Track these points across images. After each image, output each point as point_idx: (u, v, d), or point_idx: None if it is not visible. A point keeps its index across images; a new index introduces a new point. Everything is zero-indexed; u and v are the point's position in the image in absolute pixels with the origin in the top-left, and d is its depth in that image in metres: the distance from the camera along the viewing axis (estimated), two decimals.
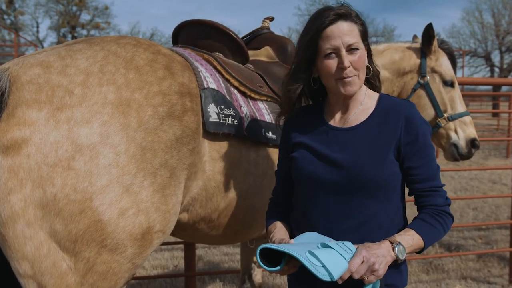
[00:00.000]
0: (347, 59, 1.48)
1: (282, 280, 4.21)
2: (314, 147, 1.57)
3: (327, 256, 1.31)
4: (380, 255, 1.35)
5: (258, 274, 2.84)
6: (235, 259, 4.80)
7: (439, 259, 4.73)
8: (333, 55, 1.50)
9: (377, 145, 1.50)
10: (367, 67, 1.60)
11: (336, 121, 1.61)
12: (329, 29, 1.49)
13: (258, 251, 1.36)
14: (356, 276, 1.31)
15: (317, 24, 1.51)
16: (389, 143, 1.50)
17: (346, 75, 1.49)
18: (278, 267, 1.39)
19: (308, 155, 1.58)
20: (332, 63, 1.50)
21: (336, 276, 1.29)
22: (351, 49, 1.49)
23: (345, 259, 1.32)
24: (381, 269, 1.34)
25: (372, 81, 1.67)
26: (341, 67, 1.49)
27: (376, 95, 1.63)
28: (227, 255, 4.97)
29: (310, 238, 1.47)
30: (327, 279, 1.28)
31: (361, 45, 1.52)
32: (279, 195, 1.75)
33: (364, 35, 1.55)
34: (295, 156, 1.61)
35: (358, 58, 1.50)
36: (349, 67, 1.48)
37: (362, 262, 1.32)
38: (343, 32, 1.49)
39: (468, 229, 5.87)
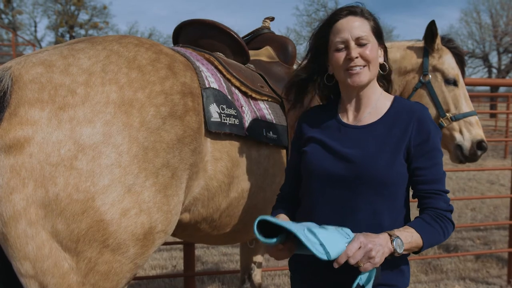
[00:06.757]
0: (356, 50, 1.52)
1: (281, 280, 4.21)
2: (325, 142, 1.59)
3: (326, 235, 1.30)
4: (377, 243, 1.34)
5: (257, 274, 2.83)
6: (234, 259, 4.80)
7: (437, 260, 4.74)
8: (343, 48, 1.55)
9: (388, 145, 1.52)
10: (383, 65, 1.63)
11: (349, 119, 1.63)
12: (339, 22, 1.57)
13: (256, 222, 1.34)
14: (352, 262, 1.30)
15: (329, 19, 1.59)
16: (400, 143, 1.51)
17: (354, 64, 1.52)
18: (274, 240, 1.37)
19: (319, 149, 1.60)
20: (341, 55, 1.55)
21: (333, 255, 1.27)
22: (360, 42, 1.53)
23: (343, 242, 1.31)
24: (378, 257, 1.32)
25: (386, 81, 1.70)
26: (348, 58, 1.53)
27: (391, 97, 1.65)
28: (226, 255, 4.97)
29: (309, 224, 1.46)
30: (324, 257, 1.27)
31: (372, 40, 1.55)
32: (287, 191, 1.76)
33: (377, 32, 1.59)
34: (306, 150, 1.63)
35: (369, 51, 1.53)
36: (356, 58, 1.52)
37: (360, 248, 1.31)
38: (352, 26, 1.54)
39: (467, 229, 5.88)
